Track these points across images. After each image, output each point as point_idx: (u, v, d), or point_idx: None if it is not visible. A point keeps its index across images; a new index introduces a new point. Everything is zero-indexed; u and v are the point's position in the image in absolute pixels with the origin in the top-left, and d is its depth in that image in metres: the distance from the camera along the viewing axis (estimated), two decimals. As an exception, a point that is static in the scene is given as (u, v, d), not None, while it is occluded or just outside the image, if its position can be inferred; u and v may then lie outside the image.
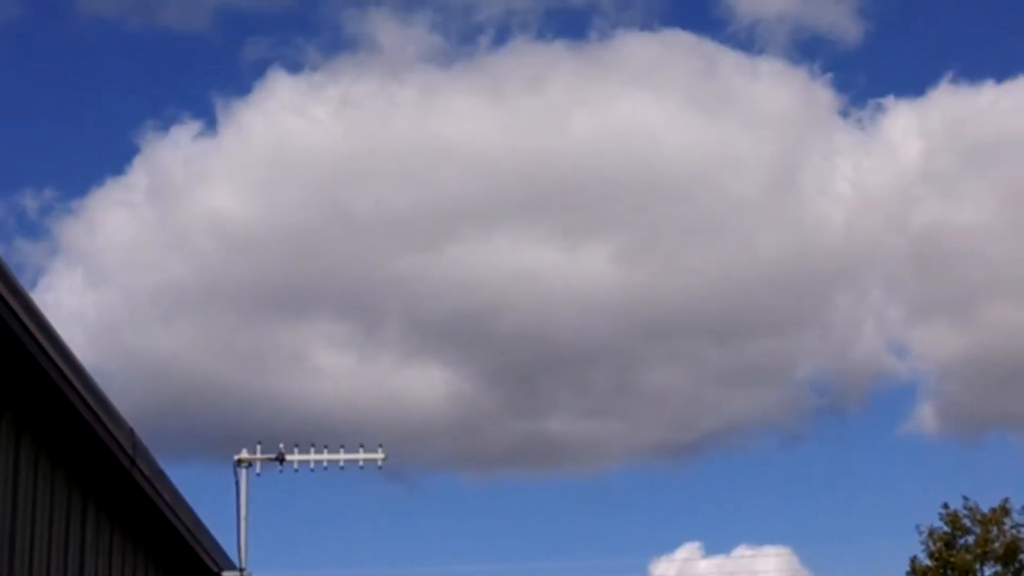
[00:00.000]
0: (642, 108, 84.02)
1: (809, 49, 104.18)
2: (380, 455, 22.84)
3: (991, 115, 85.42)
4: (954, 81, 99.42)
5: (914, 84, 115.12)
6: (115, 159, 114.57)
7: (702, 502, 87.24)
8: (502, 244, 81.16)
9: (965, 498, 44.16)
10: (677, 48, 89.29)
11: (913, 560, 44.12)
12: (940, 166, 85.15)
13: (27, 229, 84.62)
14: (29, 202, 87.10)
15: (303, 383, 74.70)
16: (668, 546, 76.38)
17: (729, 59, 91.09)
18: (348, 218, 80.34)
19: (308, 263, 77.81)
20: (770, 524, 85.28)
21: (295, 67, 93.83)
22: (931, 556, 43.83)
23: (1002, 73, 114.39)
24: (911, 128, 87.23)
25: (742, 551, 67.65)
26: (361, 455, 22.78)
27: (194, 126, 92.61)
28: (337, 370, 78.62)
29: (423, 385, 78.66)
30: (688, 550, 68.90)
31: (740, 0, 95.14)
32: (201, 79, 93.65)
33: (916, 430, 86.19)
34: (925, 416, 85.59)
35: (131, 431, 12.46)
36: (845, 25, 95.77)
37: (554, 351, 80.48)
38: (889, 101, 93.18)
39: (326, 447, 22.72)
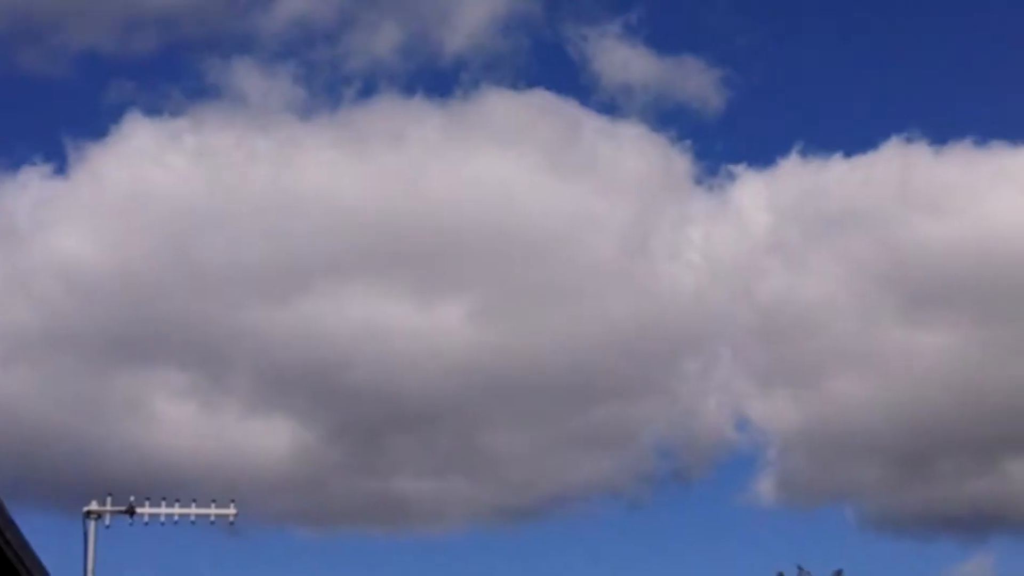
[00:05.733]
0: (502, 167, 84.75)
1: (671, 116, 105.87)
2: (232, 511, 22.99)
3: (839, 188, 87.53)
4: (803, 153, 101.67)
5: (766, 154, 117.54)
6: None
7: (541, 566, 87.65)
8: (354, 298, 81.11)
9: (800, 568, 45.37)
10: (541, 108, 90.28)
11: (747, 628, 45.06)
12: (788, 238, 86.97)
13: None
14: None
15: (148, 433, 73.67)
16: (504, 609, 76.70)
17: (592, 122, 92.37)
18: (199, 268, 79.80)
19: (156, 311, 76.97)
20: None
21: (154, 112, 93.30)
22: (765, 625, 44.79)
23: (851, 147, 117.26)
24: (761, 198, 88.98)
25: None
26: (213, 510, 22.90)
27: (45, 168, 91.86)
28: (183, 421, 77.58)
29: (269, 438, 78.08)
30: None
31: (607, 65, 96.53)
32: (56, 121, 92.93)
33: (756, 500, 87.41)
34: (765, 486, 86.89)
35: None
36: (708, 94, 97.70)
37: (402, 408, 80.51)
38: (741, 169, 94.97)
39: (178, 501, 22.80)
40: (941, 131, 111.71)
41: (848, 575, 45.54)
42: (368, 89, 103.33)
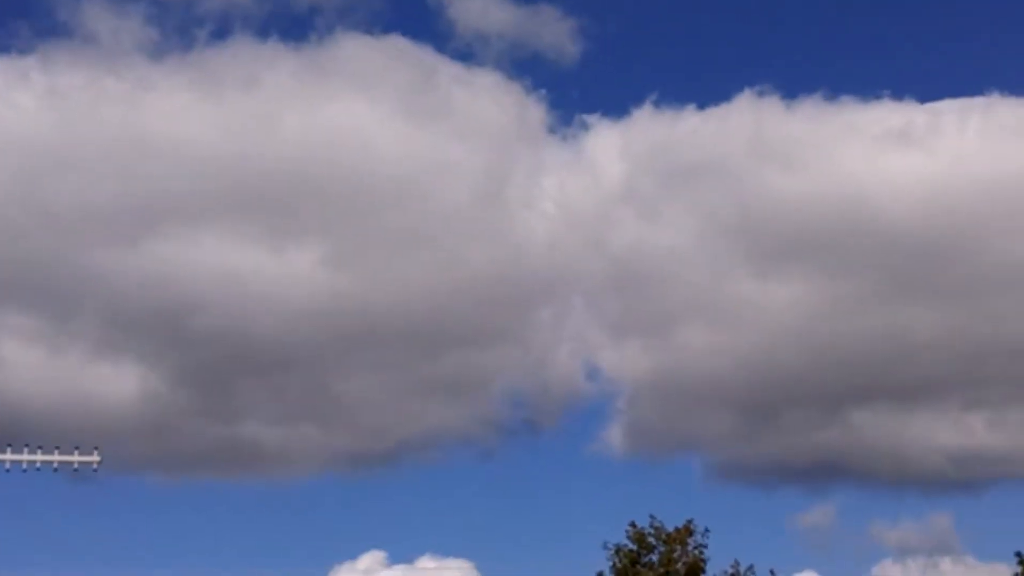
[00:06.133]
0: (357, 112, 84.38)
1: (527, 65, 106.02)
2: (95, 458, 22.58)
3: (692, 140, 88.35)
4: (657, 104, 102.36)
5: (620, 105, 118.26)
6: None
7: (390, 512, 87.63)
8: (206, 242, 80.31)
9: (652, 517, 45.56)
10: (396, 54, 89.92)
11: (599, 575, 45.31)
12: (641, 188, 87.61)
13: None
14: None
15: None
16: (352, 554, 76.51)
17: (447, 69, 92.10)
18: (47, 209, 78.54)
19: (2, 253, 75.73)
20: (457, 537, 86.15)
21: (1, 49, 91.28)
22: (617, 573, 45.04)
23: (704, 99, 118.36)
24: (615, 149, 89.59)
25: (426, 562, 68.24)
26: (76, 457, 22.49)
27: None
28: (29, 365, 76.57)
29: (119, 384, 77.27)
30: (371, 558, 69.18)
31: (463, 12, 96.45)
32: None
33: (607, 449, 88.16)
34: (615, 435, 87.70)
35: None
36: (564, 44, 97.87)
37: (254, 354, 79.99)
38: (595, 120, 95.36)
39: (40, 448, 22.34)
40: (792, 85, 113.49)
41: (697, 524, 45.86)
42: (222, 31, 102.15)
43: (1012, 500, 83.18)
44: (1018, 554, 24.15)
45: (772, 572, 45.59)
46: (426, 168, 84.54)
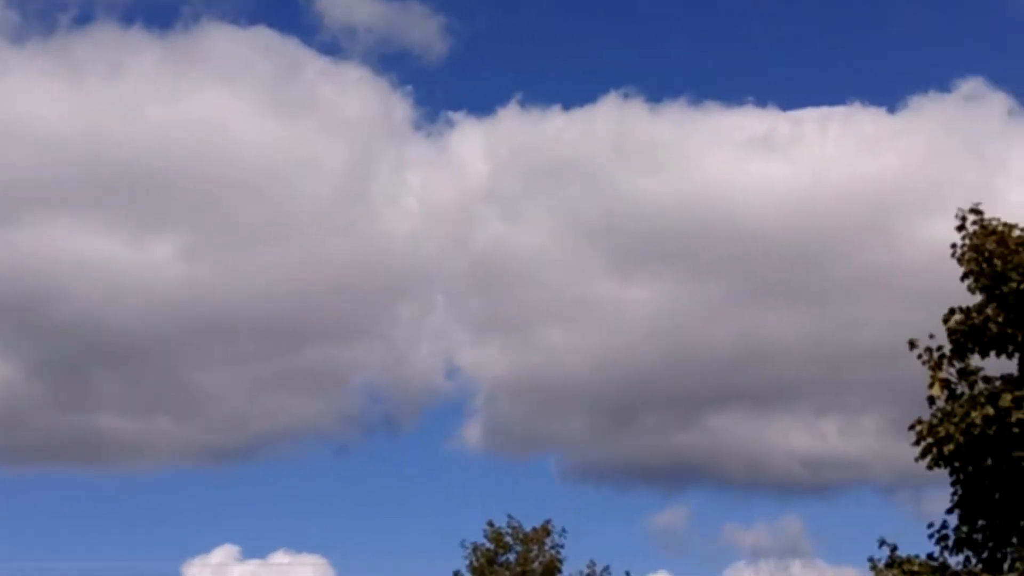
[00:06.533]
0: (220, 103, 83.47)
1: (393, 61, 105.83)
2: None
3: (556, 140, 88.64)
4: (523, 103, 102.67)
5: (486, 103, 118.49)
6: None
7: (245, 506, 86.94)
8: (63, 231, 79.06)
9: (510, 517, 45.54)
10: (262, 46, 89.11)
11: (456, 574, 45.13)
12: (504, 187, 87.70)
13: None
14: None
15: None
16: (205, 548, 75.77)
17: (314, 63, 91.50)
18: None
19: None
20: (312, 532, 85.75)
21: None
22: (473, 572, 44.91)
23: (569, 100, 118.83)
24: (479, 147, 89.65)
25: (279, 557, 67.75)
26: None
27: None
28: None
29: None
30: (225, 552, 68.53)
31: (331, 6, 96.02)
32: None
33: (465, 447, 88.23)
34: (472, 434, 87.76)
35: None
36: (431, 41, 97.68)
37: (109, 344, 78.85)
38: (460, 117, 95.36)
39: None
40: (657, 89, 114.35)
41: (555, 524, 45.86)
42: (85, 17, 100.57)
43: (863, 505, 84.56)
44: (870, 559, 24.30)
45: (628, 573, 45.77)
46: (289, 161, 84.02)
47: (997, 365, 24.49)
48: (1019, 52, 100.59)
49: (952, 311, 24.51)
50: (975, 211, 24.48)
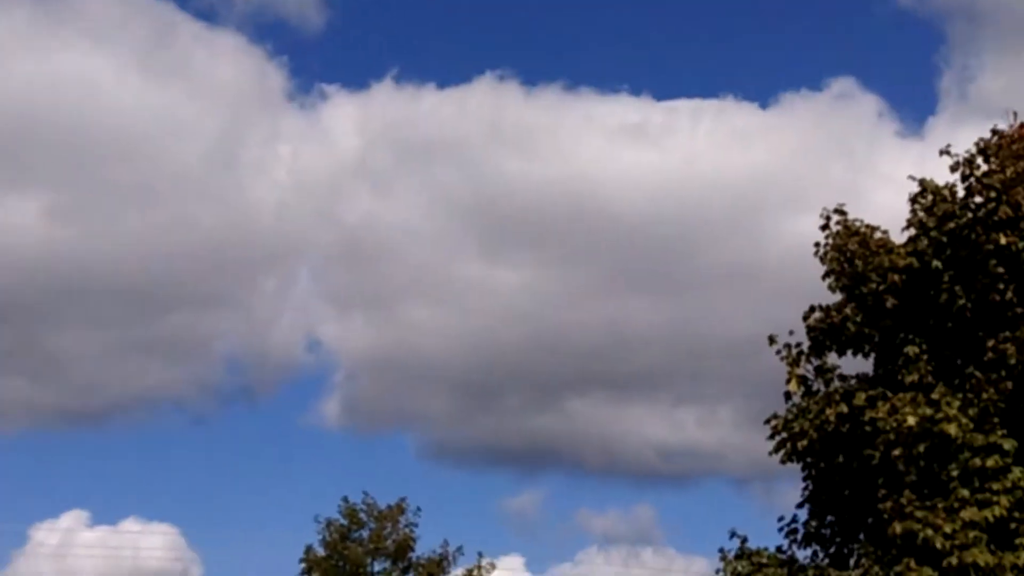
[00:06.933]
0: (90, 63, 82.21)
1: (270, 30, 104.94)
2: None
3: (430, 118, 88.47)
4: (398, 79, 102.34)
5: (360, 77, 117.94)
6: None
7: (97, 471, 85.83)
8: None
9: (365, 493, 45.41)
10: (136, 7, 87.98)
11: (308, 549, 44.89)
12: (376, 163, 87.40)
13: None
14: None
15: None
16: (53, 512, 74.69)
17: (188, 27, 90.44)
18: None
19: None
20: (164, 501, 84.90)
21: None
22: (326, 547, 44.74)
23: (445, 79, 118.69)
24: (352, 121, 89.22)
25: (129, 525, 67.08)
26: None
27: None
28: None
29: None
30: (73, 518, 67.67)
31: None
32: None
33: (324, 422, 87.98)
34: (331, 409, 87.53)
35: None
36: (309, 12, 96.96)
37: (-36, 302, 77.38)
38: (334, 90, 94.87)
39: None
40: (533, 73, 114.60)
41: (410, 502, 45.80)
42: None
43: (716, 495, 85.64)
44: (720, 549, 24.58)
45: (480, 554, 45.83)
46: (159, 125, 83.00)
47: (854, 364, 24.87)
48: (891, 55, 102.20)
49: (812, 309, 24.82)
50: (839, 211, 24.78)
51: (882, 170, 76.16)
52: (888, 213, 24.35)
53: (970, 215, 23.49)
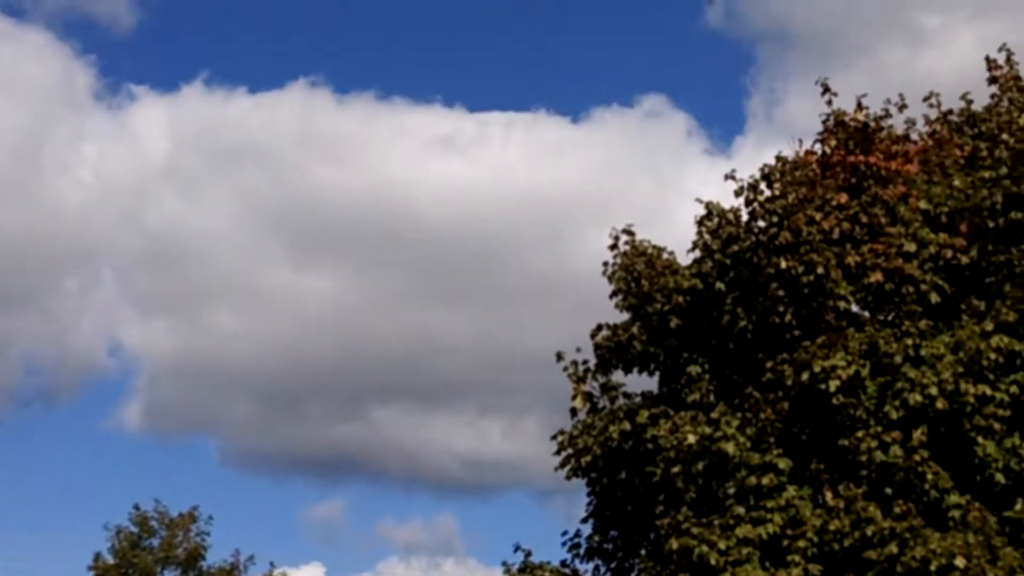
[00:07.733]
0: None
1: (79, 28, 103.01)
2: None
3: (240, 123, 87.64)
4: (208, 83, 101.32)
5: (170, 79, 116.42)
6: None
7: None
8: None
9: (156, 500, 44.89)
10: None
11: (97, 556, 44.25)
12: (184, 166, 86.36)
13: None
14: None
15: None
16: None
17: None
18: None
19: None
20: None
21: None
22: (116, 555, 44.12)
23: (256, 83, 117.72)
24: (161, 123, 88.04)
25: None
26: None
27: None
28: None
29: None
30: None
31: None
32: None
33: (123, 427, 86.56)
34: (132, 414, 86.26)
35: None
36: (120, 11, 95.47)
37: None
38: (143, 91, 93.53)
39: None
40: (346, 80, 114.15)
41: (205, 510, 45.34)
42: None
43: (518, 507, 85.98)
44: (504, 563, 24.82)
45: (272, 564, 45.50)
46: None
47: (639, 382, 25.27)
48: (702, 74, 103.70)
49: (600, 327, 25.19)
50: (627, 231, 25.18)
51: (689, 188, 77.23)
52: (693, 231, 24.66)
53: (753, 239, 24.04)
